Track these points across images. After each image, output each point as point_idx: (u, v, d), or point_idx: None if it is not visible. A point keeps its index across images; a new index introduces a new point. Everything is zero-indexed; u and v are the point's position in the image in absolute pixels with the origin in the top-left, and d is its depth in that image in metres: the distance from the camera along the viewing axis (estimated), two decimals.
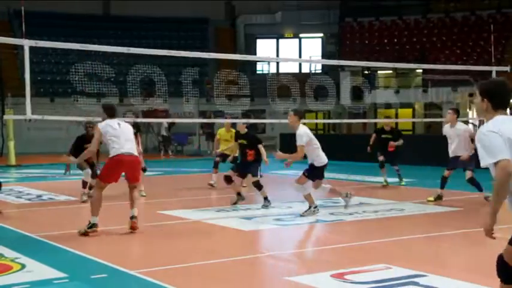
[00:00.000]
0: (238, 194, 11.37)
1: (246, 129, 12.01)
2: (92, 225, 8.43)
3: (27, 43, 9.00)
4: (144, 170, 13.15)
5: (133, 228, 8.52)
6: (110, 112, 9.04)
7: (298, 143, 9.81)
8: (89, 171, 11.79)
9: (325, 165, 10.21)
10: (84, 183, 12.07)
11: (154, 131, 31.11)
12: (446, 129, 11.76)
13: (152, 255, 7.39)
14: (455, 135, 11.51)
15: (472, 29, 33.57)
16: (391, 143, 14.41)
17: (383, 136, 14.79)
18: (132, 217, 8.60)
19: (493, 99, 4.36)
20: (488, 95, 4.37)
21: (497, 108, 4.36)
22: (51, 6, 34.36)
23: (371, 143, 15.09)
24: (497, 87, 4.43)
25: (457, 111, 11.96)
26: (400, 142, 14.59)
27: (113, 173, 8.79)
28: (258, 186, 11.16)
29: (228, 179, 11.26)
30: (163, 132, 29.10)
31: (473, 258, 7.27)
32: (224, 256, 7.29)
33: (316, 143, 10.10)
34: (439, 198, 11.64)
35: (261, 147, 11.52)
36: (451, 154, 11.71)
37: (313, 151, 10.01)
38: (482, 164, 4.17)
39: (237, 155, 13.83)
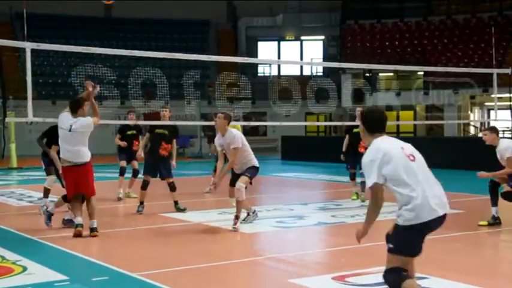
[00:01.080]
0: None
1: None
2: (77, 225, 8.48)
3: (29, 45, 9.00)
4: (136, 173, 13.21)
5: (78, 235, 8.35)
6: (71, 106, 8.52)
7: (236, 145, 9.04)
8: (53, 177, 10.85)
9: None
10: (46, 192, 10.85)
11: None
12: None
13: (153, 257, 7.39)
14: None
15: (473, 31, 33.57)
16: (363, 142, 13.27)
17: (354, 131, 12.06)
18: (92, 229, 8.47)
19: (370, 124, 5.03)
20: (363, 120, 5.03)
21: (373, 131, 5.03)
22: (52, 9, 34.37)
23: (344, 149, 12.73)
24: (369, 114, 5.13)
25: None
26: None
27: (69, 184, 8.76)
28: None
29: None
30: None
31: (473, 260, 7.26)
32: (225, 258, 7.30)
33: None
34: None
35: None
36: None
37: (250, 152, 9.40)
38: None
39: None
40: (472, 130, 31.37)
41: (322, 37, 39.74)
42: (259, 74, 38.03)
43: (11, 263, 7.04)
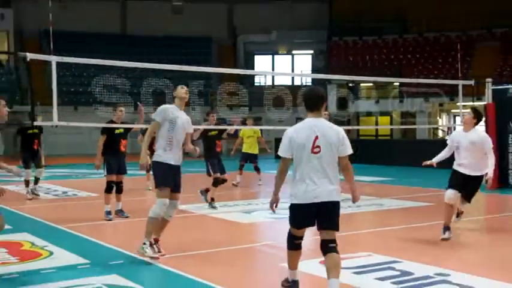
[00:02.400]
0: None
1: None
2: None
3: (54, 59, 9.01)
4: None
5: None
6: None
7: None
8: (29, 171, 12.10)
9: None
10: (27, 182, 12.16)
11: None
12: None
13: (163, 244, 7.39)
14: None
15: (442, 47, 33.62)
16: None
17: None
18: None
19: (304, 103, 4.95)
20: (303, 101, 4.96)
21: (308, 110, 4.94)
22: (75, 27, 34.41)
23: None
24: (305, 94, 5.01)
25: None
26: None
27: None
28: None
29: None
30: None
31: (441, 246, 7.29)
32: (224, 245, 7.31)
33: None
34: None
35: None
36: None
37: None
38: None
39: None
40: (440, 133, 31.42)
41: (311, 52, 39.76)
42: (255, 84, 37.97)
43: (39, 248, 7.05)
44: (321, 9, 38.49)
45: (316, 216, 4.83)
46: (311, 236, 8.24)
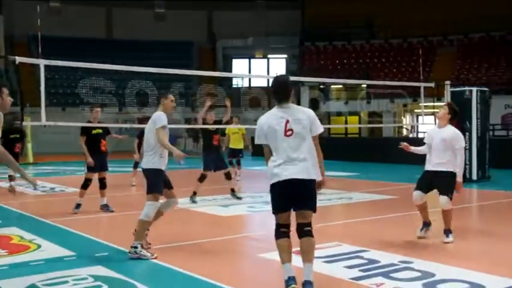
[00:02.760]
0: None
1: None
2: None
3: (42, 62, 8.88)
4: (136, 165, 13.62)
5: None
6: None
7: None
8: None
9: None
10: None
11: None
12: None
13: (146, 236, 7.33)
14: None
15: (405, 52, 33.95)
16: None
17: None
18: None
19: (274, 94, 4.82)
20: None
21: (276, 98, 4.81)
22: (63, 32, 33.98)
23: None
24: (274, 86, 4.85)
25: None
26: None
27: None
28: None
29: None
30: None
31: (405, 236, 7.35)
32: (204, 237, 7.28)
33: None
34: None
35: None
36: None
37: None
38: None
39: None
40: (404, 132, 31.73)
41: (285, 56, 39.86)
42: (233, 86, 37.96)
43: (28, 242, 6.94)
44: (294, 17, 38.59)
45: (293, 197, 4.67)
46: None
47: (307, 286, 4.58)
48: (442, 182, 6.82)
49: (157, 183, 6.39)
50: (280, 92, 4.78)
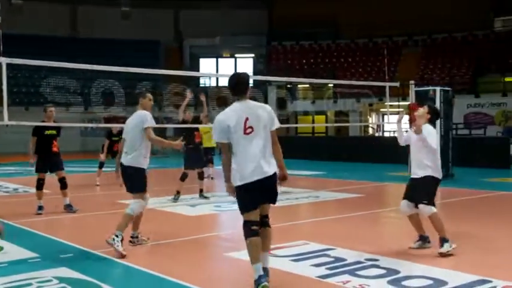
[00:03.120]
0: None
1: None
2: None
3: (4, 60, 8.68)
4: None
5: None
6: None
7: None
8: None
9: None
10: None
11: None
12: None
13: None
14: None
15: (371, 52, 34.36)
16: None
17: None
18: None
19: (231, 89, 4.86)
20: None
21: (235, 96, 4.86)
22: (26, 30, 33.26)
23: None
24: (231, 81, 4.88)
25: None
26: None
27: None
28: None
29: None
30: None
31: (371, 234, 7.45)
32: (172, 237, 7.24)
33: None
34: None
35: None
36: None
37: None
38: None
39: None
40: (370, 131, 32.13)
41: (252, 55, 39.89)
42: (200, 85, 37.81)
43: None
44: (261, 16, 38.67)
45: (261, 193, 4.80)
46: None
47: (266, 273, 4.77)
48: (419, 190, 6.26)
49: (142, 182, 6.55)
50: (239, 87, 4.82)
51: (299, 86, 32.73)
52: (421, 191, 6.21)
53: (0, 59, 8.73)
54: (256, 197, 4.77)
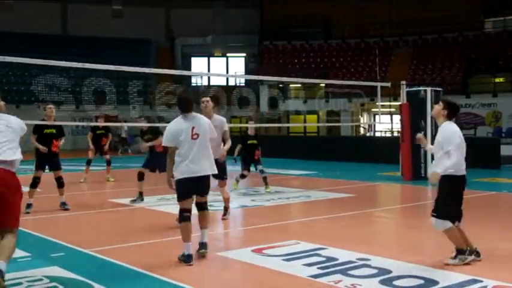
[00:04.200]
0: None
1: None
2: None
3: None
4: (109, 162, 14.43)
5: None
6: None
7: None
8: None
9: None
10: None
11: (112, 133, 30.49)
12: None
13: (103, 236, 7.24)
14: None
15: (362, 52, 34.46)
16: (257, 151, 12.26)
17: (249, 142, 12.32)
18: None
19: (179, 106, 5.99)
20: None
21: (182, 112, 5.98)
22: (16, 28, 33.08)
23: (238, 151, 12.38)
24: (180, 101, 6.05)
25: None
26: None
27: None
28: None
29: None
30: (124, 134, 28.58)
31: (362, 233, 7.47)
32: (163, 236, 7.22)
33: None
34: None
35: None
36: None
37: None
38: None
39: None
40: (361, 130, 32.22)
41: (244, 54, 39.86)
42: (192, 84, 37.75)
43: None
44: (252, 16, 38.65)
45: (198, 187, 5.94)
46: (244, 227, 8.28)
47: (204, 246, 6.05)
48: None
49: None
50: (185, 105, 5.99)
51: (291, 85, 32.76)
52: (437, 196, 5.80)
53: None
54: (191, 189, 5.93)
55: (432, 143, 6.09)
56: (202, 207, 6.13)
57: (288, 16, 35.29)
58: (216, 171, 6.07)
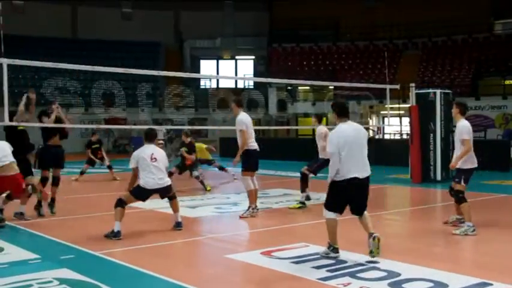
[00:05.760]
0: None
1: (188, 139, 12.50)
2: None
3: (5, 61, 8.70)
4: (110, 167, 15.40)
5: None
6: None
7: (239, 127, 8.77)
8: None
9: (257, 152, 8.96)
10: None
11: (115, 135, 30.54)
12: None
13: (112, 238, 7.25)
14: None
15: (371, 55, 34.37)
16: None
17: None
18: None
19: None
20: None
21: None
22: (27, 31, 33.31)
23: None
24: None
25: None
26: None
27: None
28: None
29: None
30: (162, 137, 28.26)
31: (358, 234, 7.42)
32: (172, 238, 7.24)
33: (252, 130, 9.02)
34: None
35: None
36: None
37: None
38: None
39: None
40: (370, 133, 32.12)
41: (253, 57, 39.89)
42: (201, 87, 37.82)
43: None
44: (261, 18, 38.68)
45: (156, 192, 7.71)
46: (252, 229, 8.27)
47: (180, 224, 7.78)
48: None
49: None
50: (150, 136, 7.85)
51: (299, 88, 32.73)
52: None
53: (2, 59, 8.76)
54: (148, 195, 7.81)
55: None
56: (171, 197, 7.95)
57: (297, 18, 35.27)
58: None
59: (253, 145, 8.89)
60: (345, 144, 5.89)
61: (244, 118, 8.85)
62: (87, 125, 25.08)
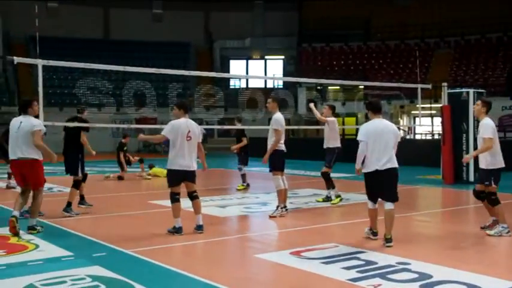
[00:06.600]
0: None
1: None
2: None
3: (40, 62, 8.89)
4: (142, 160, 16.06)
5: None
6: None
7: (275, 127, 8.76)
8: None
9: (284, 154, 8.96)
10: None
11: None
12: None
13: (143, 237, 7.34)
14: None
15: (402, 54, 34.00)
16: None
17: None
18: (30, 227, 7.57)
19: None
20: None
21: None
22: (61, 33, 33.99)
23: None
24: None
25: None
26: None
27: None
28: None
29: None
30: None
31: (402, 237, 7.35)
32: (203, 238, 7.28)
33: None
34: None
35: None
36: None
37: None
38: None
39: None
40: (401, 133, 31.75)
41: (283, 57, 39.86)
42: (230, 87, 37.98)
43: (26, 242, 6.93)
44: (291, 18, 38.62)
45: (184, 178, 7.40)
46: (282, 229, 8.27)
47: (201, 227, 7.47)
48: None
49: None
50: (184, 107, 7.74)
51: (329, 87, 32.56)
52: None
53: (37, 61, 8.95)
54: (180, 179, 7.45)
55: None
56: (192, 196, 7.65)
57: (327, 18, 35.11)
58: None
59: (282, 146, 8.93)
60: (372, 135, 6.76)
61: (280, 118, 8.84)
62: (119, 125, 25.44)
